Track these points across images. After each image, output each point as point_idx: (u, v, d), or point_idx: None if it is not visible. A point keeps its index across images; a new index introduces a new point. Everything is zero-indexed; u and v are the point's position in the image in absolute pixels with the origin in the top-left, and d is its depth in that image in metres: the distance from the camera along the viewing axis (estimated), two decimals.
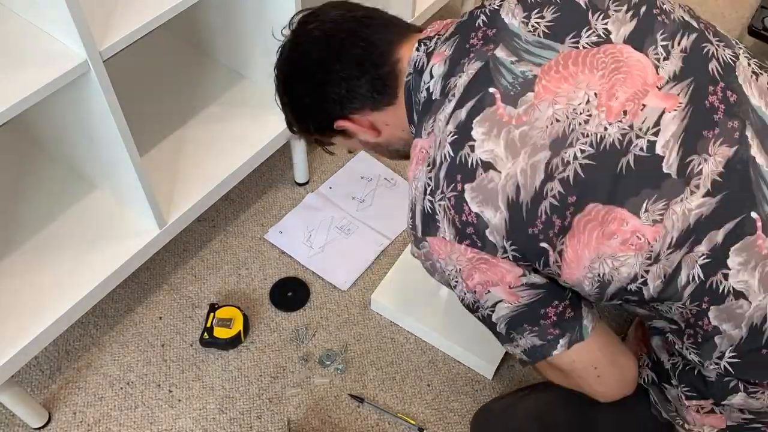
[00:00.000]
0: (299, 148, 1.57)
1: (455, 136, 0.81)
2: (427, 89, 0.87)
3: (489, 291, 0.85)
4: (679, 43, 0.81)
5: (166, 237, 1.30)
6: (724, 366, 0.82)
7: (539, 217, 0.78)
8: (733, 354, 0.81)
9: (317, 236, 1.55)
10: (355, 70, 0.90)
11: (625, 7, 0.82)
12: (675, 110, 0.77)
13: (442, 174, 0.81)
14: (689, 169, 0.76)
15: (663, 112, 0.77)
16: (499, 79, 0.80)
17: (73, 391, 1.32)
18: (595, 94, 0.78)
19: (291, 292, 1.47)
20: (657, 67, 0.79)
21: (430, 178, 0.83)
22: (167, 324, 1.42)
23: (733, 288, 0.77)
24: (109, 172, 1.23)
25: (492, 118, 0.79)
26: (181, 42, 1.61)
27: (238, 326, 1.37)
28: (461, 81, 0.82)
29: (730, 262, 0.77)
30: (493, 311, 0.88)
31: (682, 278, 0.78)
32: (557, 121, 0.77)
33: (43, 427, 1.27)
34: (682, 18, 0.84)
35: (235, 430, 1.28)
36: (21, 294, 1.18)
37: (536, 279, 0.84)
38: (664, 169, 0.76)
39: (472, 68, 0.82)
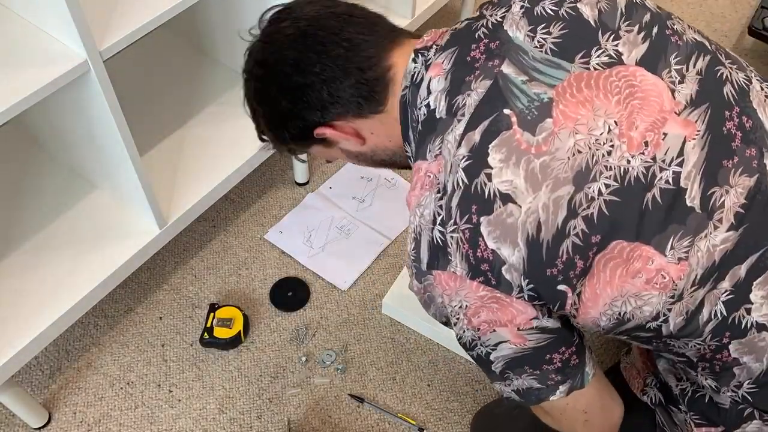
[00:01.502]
0: None
1: (469, 161, 0.75)
2: (427, 105, 0.80)
3: (494, 330, 0.80)
4: (693, 66, 0.78)
5: (166, 237, 1.30)
6: (742, 395, 0.80)
7: (560, 257, 0.74)
8: (753, 384, 0.79)
9: (317, 236, 1.55)
10: (338, 72, 0.82)
11: (636, 28, 0.79)
12: (694, 138, 0.74)
13: (454, 203, 0.75)
14: (712, 202, 0.73)
15: (684, 141, 0.74)
16: (513, 100, 0.75)
17: (73, 391, 1.32)
18: (615, 122, 0.74)
19: (291, 292, 1.47)
20: (673, 91, 0.76)
21: (440, 207, 0.76)
22: (167, 324, 1.42)
23: (756, 322, 0.75)
24: (109, 172, 1.23)
25: (509, 144, 0.74)
26: (181, 42, 1.61)
27: (238, 326, 1.37)
28: (471, 100, 0.77)
29: (752, 296, 0.75)
30: (494, 350, 0.82)
31: (704, 315, 0.76)
32: (579, 152, 0.73)
33: (43, 427, 1.27)
34: (695, 39, 0.81)
35: (235, 430, 1.28)
36: (21, 294, 1.18)
37: (548, 323, 0.79)
38: (688, 203, 0.73)
39: (480, 86, 0.77)
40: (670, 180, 0.73)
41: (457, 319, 0.81)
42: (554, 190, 0.72)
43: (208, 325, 1.37)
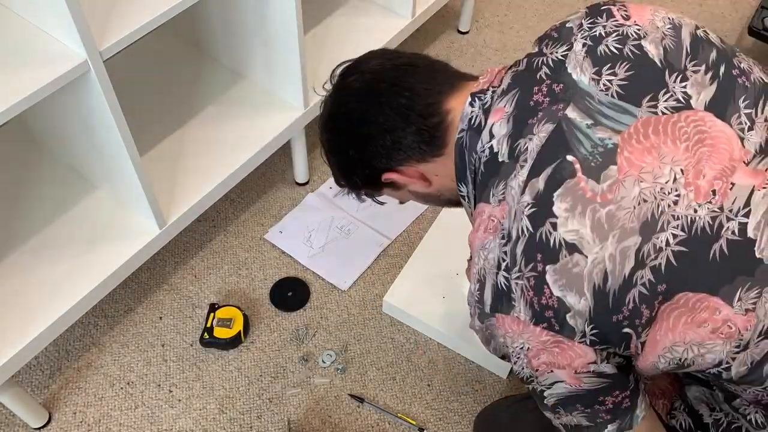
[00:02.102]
0: (299, 148, 1.57)
1: (533, 209, 0.75)
2: (491, 148, 0.81)
3: (552, 371, 0.81)
4: (762, 111, 0.77)
5: (166, 237, 1.30)
6: None
7: (626, 305, 0.74)
8: None
9: (317, 236, 1.55)
10: (399, 121, 0.86)
11: (703, 68, 0.77)
12: (764, 188, 0.74)
13: (519, 250, 0.76)
14: None
15: (752, 191, 0.74)
16: (577, 146, 0.75)
17: (73, 391, 1.32)
18: (682, 170, 0.74)
19: (291, 292, 1.47)
20: (742, 139, 0.75)
21: (505, 253, 0.77)
22: (167, 324, 1.42)
23: None
24: (109, 172, 1.23)
25: (574, 193, 0.74)
26: (181, 42, 1.61)
27: (238, 326, 1.37)
28: (532, 145, 0.77)
29: None
30: (548, 388, 0.83)
31: None
32: (644, 201, 0.73)
33: (43, 427, 1.27)
34: (762, 80, 0.79)
35: (235, 430, 1.28)
36: (21, 294, 1.18)
37: (605, 369, 0.79)
38: (757, 254, 0.73)
39: (543, 130, 0.77)
40: (736, 231, 0.72)
41: (518, 358, 0.82)
42: (621, 240, 0.73)
43: (208, 325, 1.37)
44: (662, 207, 0.73)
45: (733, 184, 0.73)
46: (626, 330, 0.75)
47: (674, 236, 0.72)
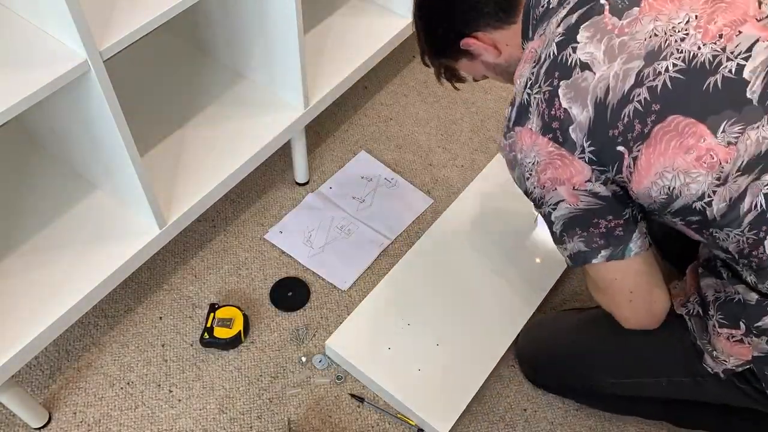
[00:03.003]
0: (299, 148, 1.57)
1: (562, 38, 0.88)
2: (548, 2, 0.94)
3: (555, 189, 0.92)
4: None
5: (166, 237, 1.30)
6: None
7: (621, 120, 0.84)
8: None
9: (317, 236, 1.55)
10: None
11: None
12: None
13: (543, 69, 0.89)
14: None
15: (757, 41, 0.81)
16: None
17: (73, 391, 1.32)
18: (696, 16, 0.83)
19: (291, 292, 1.47)
20: (760, 3, 0.84)
21: (532, 74, 0.91)
22: (167, 324, 1.42)
23: None
24: (109, 172, 1.23)
25: (597, 25, 0.86)
26: (181, 42, 1.61)
27: (238, 326, 1.37)
28: None
29: None
30: (554, 209, 0.95)
31: (745, 204, 0.82)
32: (655, 35, 0.84)
33: (43, 427, 1.27)
34: None
35: (235, 430, 1.28)
36: (21, 294, 1.18)
37: (600, 189, 0.90)
38: (747, 95, 0.80)
39: None
40: (733, 70, 0.81)
41: (530, 175, 0.94)
42: (627, 62, 0.84)
43: (208, 325, 1.37)
44: (669, 41, 0.84)
45: (740, 32, 0.82)
46: (619, 148, 0.86)
47: (674, 65, 0.83)
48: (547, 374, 1.31)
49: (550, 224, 0.99)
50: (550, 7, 0.93)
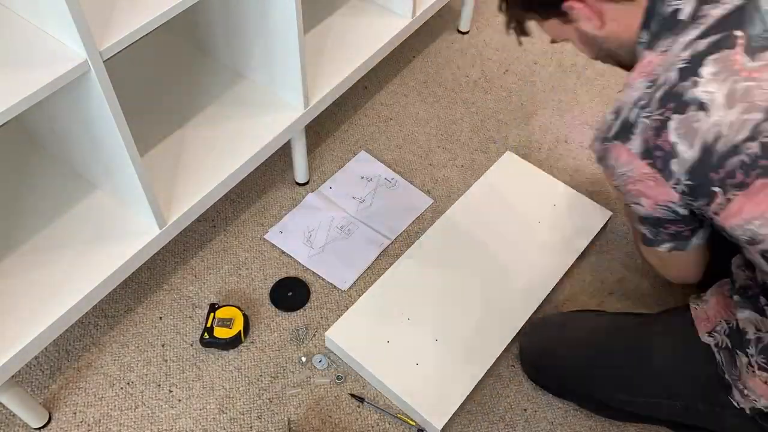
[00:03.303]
0: (299, 148, 1.57)
1: (686, 65, 0.84)
2: (677, 6, 0.88)
3: (639, 198, 0.94)
4: None
5: (166, 237, 1.30)
6: None
7: (724, 167, 0.83)
8: None
9: (317, 236, 1.55)
10: None
11: None
12: None
13: (658, 95, 0.85)
14: None
15: None
16: (750, 25, 0.82)
17: (73, 391, 1.32)
18: None
19: (291, 292, 1.47)
20: None
21: (646, 94, 0.87)
22: (167, 324, 1.42)
23: None
24: (109, 172, 1.23)
25: (725, 62, 0.81)
26: (181, 42, 1.61)
27: (238, 326, 1.37)
28: (715, 12, 0.84)
29: None
30: (631, 205, 0.98)
31: None
32: None
33: (43, 427, 1.27)
34: None
35: (235, 430, 1.29)
36: (21, 294, 1.18)
37: (680, 209, 0.92)
38: None
39: (730, 3, 0.84)
40: None
41: (619, 178, 0.94)
42: (746, 113, 0.80)
43: (208, 325, 1.37)
44: None
45: None
46: (715, 188, 0.85)
47: None
48: (550, 376, 1.30)
49: (627, 206, 1.03)
50: (680, 17, 0.87)
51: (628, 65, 0.99)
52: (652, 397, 1.09)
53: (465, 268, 1.45)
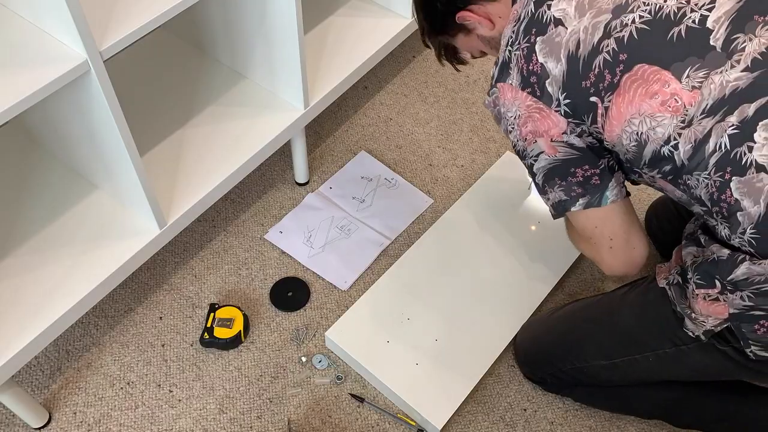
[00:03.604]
0: (299, 148, 1.57)
1: None
2: None
3: (535, 141, 0.99)
4: None
5: (167, 237, 1.30)
6: (748, 240, 0.88)
7: (593, 71, 0.90)
8: (754, 230, 0.86)
9: (317, 236, 1.55)
10: None
11: None
12: None
13: (521, 27, 0.96)
14: (733, 45, 0.83)
15: None
16: None
17: (73, 391, 1.32)
18: None
19: (291, 292, 1.47)
20: None
21: (513, 32, 0.97)
22: (167, 324, 1.42)
23: (756, 161, 0.83)
24: (109, 172, 1.23)
25: None
26: (181, 42, 1.61)
27: (238, 326, 1.37)
28: None
29: (756, 135, 0.82)
30: (535, 161, 1.03)
31: (710, 145, 0.85)
32: None
33: (43, 427, 1.27)
34: None
35: (235, 430, 1.29)
36: (21, 294, 1.18)
37: (575, 141, 0.97)
38: (711, 42, 0.84)
39: None
40: (696, 20, 0.85)
41: (512, 128, 1.02)
42: (596, 17, 0.90)
43: (208, 325, 1.37)
44: None
45: None
46: (592, 98, 0.92)
47: (641, 17, 0.88)
48: (542, 365, 1.31)
49: (533, 176, 1.06)
50: None
51: None
52: (626, 355, 1.12)
53: (465, 267, 1.45)
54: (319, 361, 1.36)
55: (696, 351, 1.02)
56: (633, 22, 0.87)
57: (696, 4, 0.86)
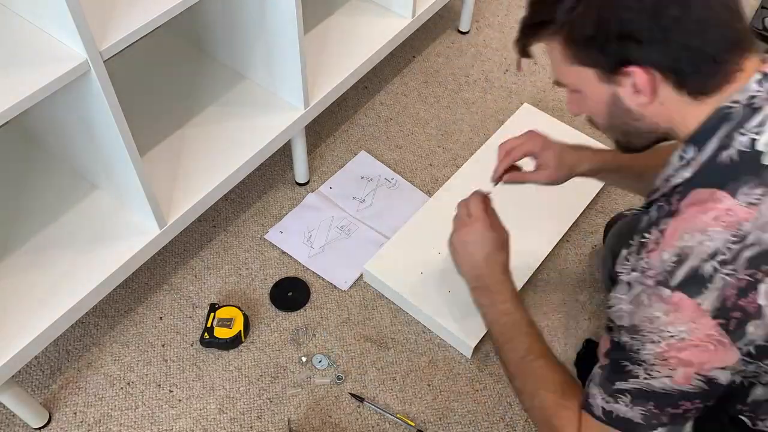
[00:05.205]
0: (299, 148, 1.57)
1: None
2: (752, 141, 0.76)
3: (675, 369, 0.78)
4: None
5: (167, 237, 1.30)
6: None
7: None
8: None
9: (317, 236, 1.55)
10: (692, 26, 0.75)
11: None
12: None
13: (747, 255, 0.75)
14: None
15: None
16: None
17: (73, 391, 1.32)
18: None
19: (291, 292, 1.47)
20: None
21: (728, 249, 0.75)
22: (167, 324, 1.42)
23: None
24: (109, 172, 1.23)
25: None
26: (181, 42, 1.61)
27: (238, 326, 1.37)
28: None
29: None
30: (645, 379, 0.81)
31: None
32: None
33: (43, 427, 1.27)
34: None
35: (235, 430, 1.29)
36: (21, 294, 1.18)
37: (721, 376, 0.78)
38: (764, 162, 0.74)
39: None
40: None
41: (656, 341, 0.79)
42: None
43: (209, 325, 1.37)
44: None
45: None
46: None
47: None
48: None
49: (615, 375, 0.83)
50: (763, 161, 0.76)
51: (628, 148, 0.92)
52: None
53: (493, 203, 1.44)
54: (319, 361, 1.36)
55: None
56: None
57: None
